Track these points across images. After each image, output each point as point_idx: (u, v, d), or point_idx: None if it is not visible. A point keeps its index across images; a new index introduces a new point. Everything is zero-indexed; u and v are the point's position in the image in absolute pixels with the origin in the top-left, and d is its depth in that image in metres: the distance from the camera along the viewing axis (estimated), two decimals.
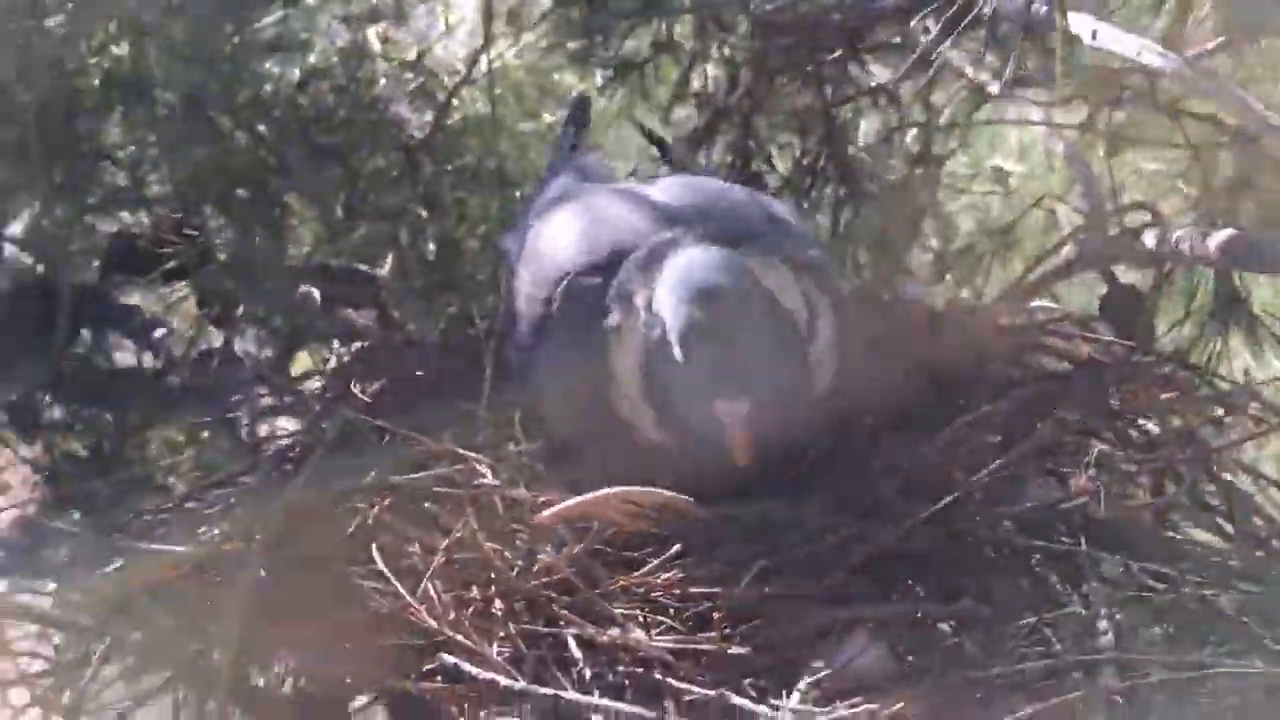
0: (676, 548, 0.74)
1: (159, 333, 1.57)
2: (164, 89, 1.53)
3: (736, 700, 0.67)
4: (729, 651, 0.70)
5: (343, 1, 1.75)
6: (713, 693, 0.66)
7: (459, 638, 0.70)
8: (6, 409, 1.50)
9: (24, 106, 1.40)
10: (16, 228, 1.61)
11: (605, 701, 0.66)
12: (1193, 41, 0.84)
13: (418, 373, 1.06)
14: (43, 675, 1.09)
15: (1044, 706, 0.58)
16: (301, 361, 1.57)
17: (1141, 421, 0.90)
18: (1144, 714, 0.60)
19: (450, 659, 0.70)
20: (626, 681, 0.70)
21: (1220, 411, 0.86)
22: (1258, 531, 0.78)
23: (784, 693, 0.67)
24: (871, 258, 1.18)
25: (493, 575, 0.75)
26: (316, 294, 1.46)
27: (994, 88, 1.10)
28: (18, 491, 1.81)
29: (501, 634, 0.72)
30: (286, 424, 1.36)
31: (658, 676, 0.69)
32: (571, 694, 0.67)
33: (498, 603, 0.74)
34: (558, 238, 0.89)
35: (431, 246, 1.71)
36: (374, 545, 0.77)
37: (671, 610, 0.72)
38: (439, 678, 0.71)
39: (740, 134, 1.27)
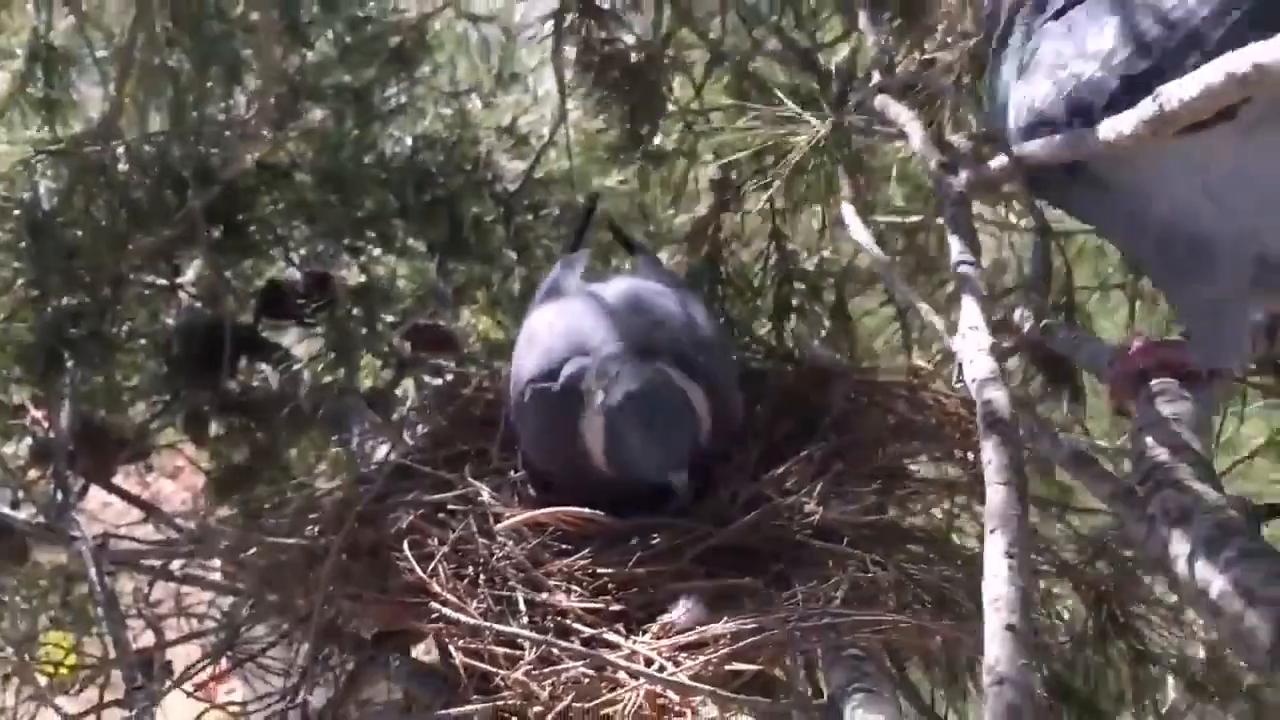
0: (589, 546, 1.23)
1: (296, 366, 2.10)
2: (303, 171, 2.06)
3: (611, 636, 1.16)
4: (612, 608, 1.18)
5: (450, 79, 2.25)
6: (597, 631, 1.16)
7: (452, 598, 1.21)
8: (184, 421, 2.04)
9: (193, 187, 1.91)
10: (189, 276, 2.16)
11: (534, 635, 1.16)
12: None
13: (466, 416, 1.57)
14: (215, 631, 1.66)
15: (769, 638, 1.07)
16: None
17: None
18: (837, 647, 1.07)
19: (446, 609, 1.21)
20: (551, 625, 1.20)
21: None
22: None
23: (642, 631, 1.17)
24: (803, 331, 1.63)
25: (479, 559, 1.26)
26: (408, 345, 1.99)
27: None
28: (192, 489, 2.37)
29: (480, 595, 1.23)
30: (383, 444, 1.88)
31: (569, 622, 1.18)
32: (516, 629, 1.17)
33: (481, 577, 1.25)
34: (529, 343, 1.36)
35: (517, 287, 2.20)
36: (407, 540, 1.27)
37: (583, 582, 1.21)
38: (440, 622, 1.22)
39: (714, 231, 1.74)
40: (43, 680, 1.80)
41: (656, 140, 2.00)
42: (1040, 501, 1.37)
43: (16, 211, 1.90)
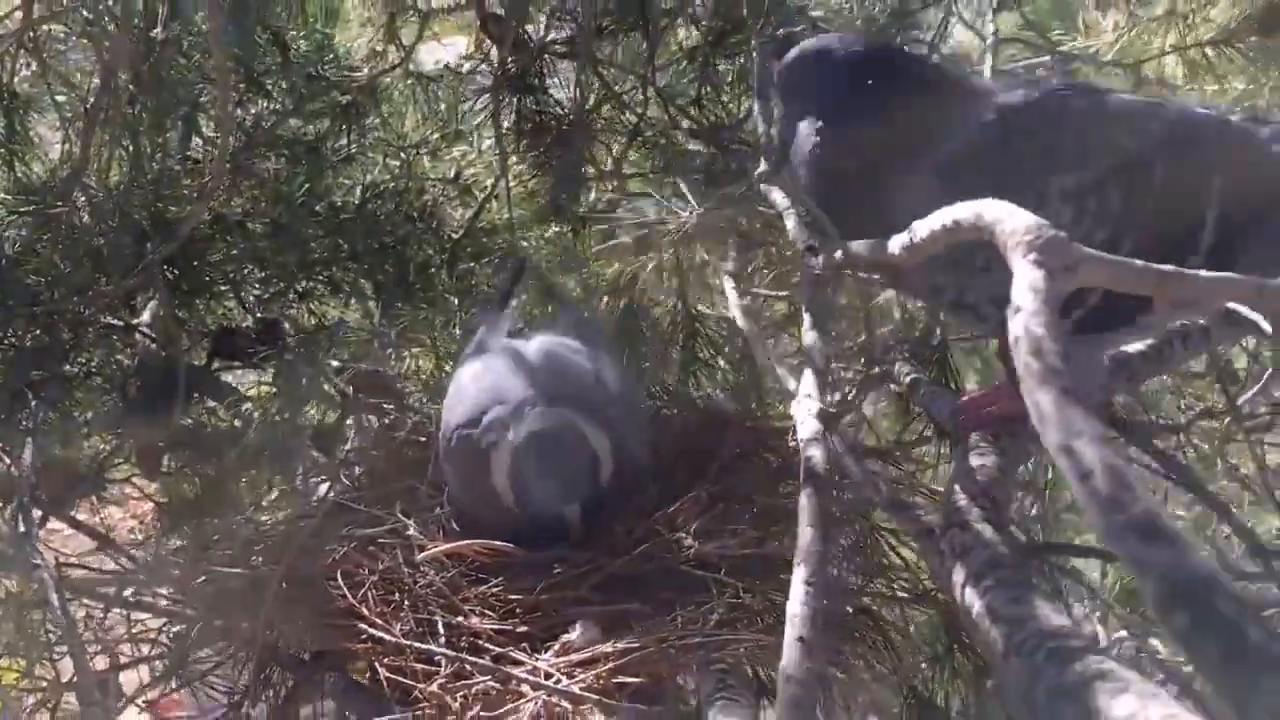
0: (501, 575, 1.44)
1: (245, 406, 2.28)
2: (255, 221, 2.23)
3: (517, 654, 1.37)
4: (518, 629, 1.39)
5: (397, 134, 2.44)
6: (505, 649, 1.37)
7: (379, 620, 1.41)
8: (137, 456, 2.21)
9: (153, 241, 2.09)
10: (145, 318, 2.33)
11: (449, 651, 1.36)
12: None
13: (400, 457, 1.78)
14: (165, 654, 1.84)
15: (652, 653, 1.27)
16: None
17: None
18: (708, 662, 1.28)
19: (374, 630, 1.41)
20: (465, 644, 1.40)
21: None
22: None
23: (544, 650, 1.37)
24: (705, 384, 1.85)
25: (405, 586, 1.46)
26: (351, 389, 2.18)
27: None
28: (146, 520, 2.54)
29: (404, 618, 1.43)
30: (324, 482, 2.08)
31: (481, 642, 1.39)
32: (434, 648, 1.37)
33: (405, 602, 1.45)
34: (457, 393, 1.55)
35: (458, 330, 2.39)
36: (340, 570, 1.48)
37: (495, 607, 1.42)
38: (368, 641, 1.42)
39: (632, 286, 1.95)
40: None
41: (582, 203, 2.21)
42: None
43: None
